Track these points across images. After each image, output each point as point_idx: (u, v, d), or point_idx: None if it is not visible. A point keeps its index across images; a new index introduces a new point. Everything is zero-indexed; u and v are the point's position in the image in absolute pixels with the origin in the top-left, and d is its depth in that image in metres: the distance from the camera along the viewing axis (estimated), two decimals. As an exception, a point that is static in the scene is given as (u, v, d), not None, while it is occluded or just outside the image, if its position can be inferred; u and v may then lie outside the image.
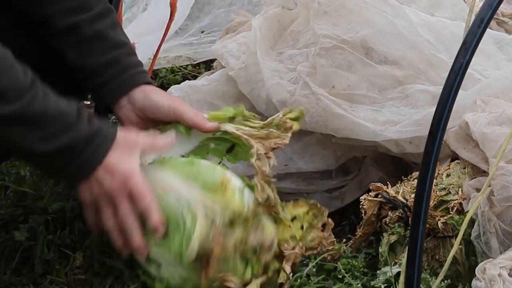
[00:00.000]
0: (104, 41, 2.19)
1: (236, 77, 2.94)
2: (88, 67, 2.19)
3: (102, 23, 2.19)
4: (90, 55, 2.19)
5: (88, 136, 1.96)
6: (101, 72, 2.18)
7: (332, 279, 2.33)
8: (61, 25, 2.17)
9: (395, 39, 2.80)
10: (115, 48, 2.20)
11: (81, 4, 2.19)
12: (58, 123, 1.93)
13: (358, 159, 2.95)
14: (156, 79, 3.77)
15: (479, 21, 1.75)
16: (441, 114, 1.77)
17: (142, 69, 2.26)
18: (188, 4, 3.33)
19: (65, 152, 1.94)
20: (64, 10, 2.17)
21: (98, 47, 2.18)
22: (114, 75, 2.18)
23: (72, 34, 2.18)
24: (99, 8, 2.20)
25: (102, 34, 2.18)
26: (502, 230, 2.25)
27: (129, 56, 2.24)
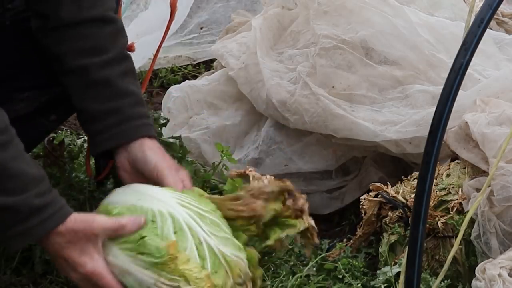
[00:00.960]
0: (110, 88, 2.12)
1: (236, 77, 2.94)
2: (89, 111, 2.13)
3: (113, 69, 2.13)
4: (93, 100, 2.12)
5: (37, 205, 1.86)
6: (100, 119, 2.12)
7: (332, 279, 2.33)
8: (71, 65, 2.12)
9: (395, 39, 2.80)
10: (120, 97, 2.12)
11: (95, 47, 2.13)
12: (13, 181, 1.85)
13: (358, 159, 2.95)
14: (156, 79, 3.77)
15: (479, 21, 1.75)
16: (441, 114, 1.77)
17: (146, 121, 2.16)
18: (188, 4, 3.32)
19: (8, 213, 1.85)
20: (77, 50, 2.12)
21: (102, 93, 2.12)
22: (113, 124, 2.12)
23: (80, 75, 2.12)
24: (114, 54, 2.14)
25: (110, 81, 2.11)
26: (502, 230, 2.25)
27: (134, 106, 2.15)
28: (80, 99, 2.15)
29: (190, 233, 1.87)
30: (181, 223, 1.88)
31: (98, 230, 1.88)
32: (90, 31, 2.13)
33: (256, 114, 2.97)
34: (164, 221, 1.88)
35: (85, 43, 2.13)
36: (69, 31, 2.12)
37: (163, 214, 1.89)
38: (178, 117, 3.03)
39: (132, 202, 1.93)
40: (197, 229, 1.89)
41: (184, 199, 1.94)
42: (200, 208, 1.93)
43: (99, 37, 2.14)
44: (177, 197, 1.94)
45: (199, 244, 1.87)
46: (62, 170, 2.61)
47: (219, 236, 1.90)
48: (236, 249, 1.91)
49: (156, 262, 1.83)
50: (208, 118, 3.01)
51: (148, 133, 2.14)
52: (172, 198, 1.94)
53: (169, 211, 1.89)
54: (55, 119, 2.35)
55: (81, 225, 1.88)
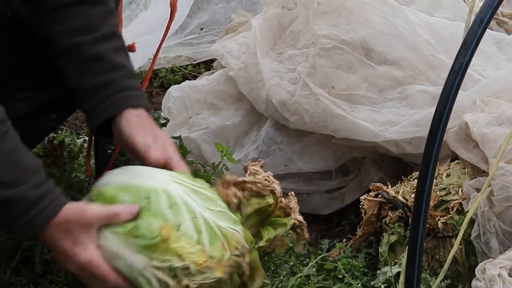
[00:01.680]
0: (102, 63, 2.14)
1: (236, 77, 2.94)
2: (83, 87, 2.15)
3: (104, 46, 2.15)
4: (87, 76, 2.14)
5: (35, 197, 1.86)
6: (94, 93, 2.13)
7: (332, 279, 2.33)
8: (64, 45, 2.14)
9: (395, 39, 2.80)
10: (112, 70, 2.14)
11: (87, 25, 2.15)
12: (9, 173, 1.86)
13: (358, 160, 2.95)
14: (156, 79, 3.77)
15: (479, 21, 1.75)
16: (441, 114, 1.77)
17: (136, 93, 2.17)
18: (188, 4, 3.33)
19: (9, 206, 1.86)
20: (69, 30, 2.14)
21: (95, 68, 2.14)
22: (106, 96, 2.12)
23: (73, 54, 2.14)
24: (104, 31, 2.16)
25: (101, 56, 2.13)
26: (502, 230, 2.25)
27: (125, 78, 2.17)
28: (74, 78, 2.16)
29: (185, 207, 1.87)
30: (175, 198, 1.88)
31: (91, 219, 1.88)
32: (80, 11, 2.15)
33: (256, 114, 2.97)
34: (158, 197, 1.88)
35: (76, 23, 2.14)
36: (61, 13, 2.14)
37: (157, 191, 1.89)
38: (178, 117, 3.04)
39: (125, 181, 1.93)
40: (192, 204, 1.89)
41: (178, 177, 1.95)
42: (194, 185, 1.94)
43: (90, 17, 2.16)
44: (171, 175, 1.94)
45: (194, 218, 1.86)
46: (62, 170, 2.61)
47: (215, 210, 1.90)
48: (232, 222, 1.91)
49: (148, 244, 1.83)
50: (208, 118, 3.01)
51: (136, 103, 2.13)
52: (167, 176, 1.94)
53: (163, 188, 1.89)
54: (55, 118, 2.36)
55: (74, 215, 1.88)
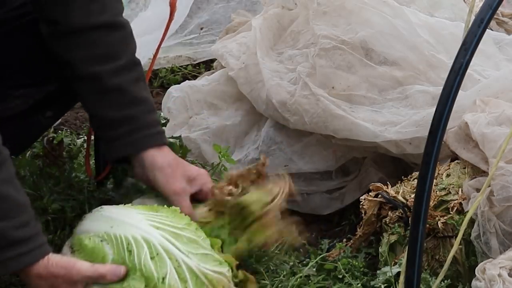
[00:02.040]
0: (123, 95, 2.12)
1: (236, 77, 2.94)
2: (102, 118, 2.12)
3: (125, 76, 2.13)
4: (107, 107, 2.12)
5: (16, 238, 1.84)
6: (115, 126, 2.12)
7: (332, 279, 2.33)
8: (83, 72, 2.12)
9: (395, 39, 2.80)
10: (134, 105, 2.12)
11: (108, 54, 2.12)
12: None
13: (358, 160, 2.95)
14: (156, 79, 3.77)
15: (479, 21, 1.75)
16: (441, 114, 1.77)
17: (158, 130, 2.17)
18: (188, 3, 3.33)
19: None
20: (88, 58, 2.12)
21: (116, 100, 2.12)
22: (127, 132, 2.12)
23: (93, 82, 2.12)
24: (125, 60, 2.14)
25: (123, 88, 2.11)
26: (502, 230, 2.25)
27: (147, 114, 2.16)
28: (93, 106, 2.15)
29: (167, 256, 1.88)
30: (157, 248, 1.88)
31: (78, 277, 1.89)
32: (100, 37, 2.12)
33: (256, 114, 2.97)
34: (140, 248, 1.88)
35: (96, 50, 2.12)
36: (79, 37, 2.12)
37: (138, 241, 1.89)
38: (178, 117, 3.04)
39: (105, 229, 1.93)
40: (174, 251, 1.89)
41: (156, 218, 1.94)
42: (174, 226, 1.93)
43: (110, 43, 2.13)
44: (150, 219, 1.94)
45: (178, 266, 1.87)
46: (61, 170, 2.61)
47: (198, 254, 1.90)
48: (216, 264, 1.91)
49: None
50: (208, 118, 3.01)
51: (160, 142, 2.15)
52: (145, 220, 1.93)
53: (143, 236, 1.90)
54: (51, 115, 2.35)
55: (61, 271, 1.89)
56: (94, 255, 1.92)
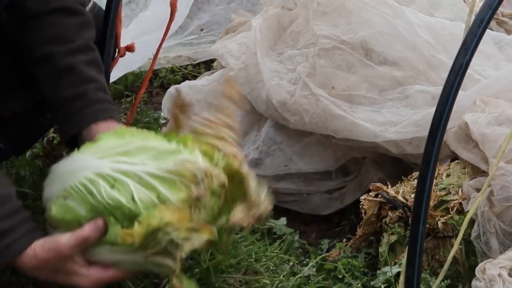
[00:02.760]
0: (75, 75, 2.13)
1: (236, 77, 2.94)
2: (56, 98, 2.15)
3: (77, 58, 2.15)
4: (60, 87, 2.13)
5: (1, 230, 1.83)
6: (68, 104, 2.12)
7: (332, 279, 2.33)
8: (37, 54, 2.14)
9: (395, 40, 2.80)
10: (85, 83, 2.14)
11: (60, 36, 2.14)
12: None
13: (358, 160, 2.95)
14: (156, 79, 3.77)
15: (479, 21, 1.75)
16: (441, 114, 1.77)
17: (108, 106, 2.17)
18: (188, 4, 3.33)
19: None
20: (44, 40, 2.14)
21: (68, 80, 2.13)
22: (80, 107, 2.12)
23: (46, 64, 2.14)
24: (78, 43, 2.16)
25: (75, 68, 2.13)
26: (502, 230, 2.25)
27: (98, 91, 2.17)
28: (47, 87, 2.16)
29: (125, 177, 1.82)
30: (111, 175, 1.83)
31: (68, 252, 1.87)
32: (55, 21, 2.14)
33: (256, 115, 2.97)
34: (97, 185, 1.82)
35: (50, 33, 2.14)
36: (36, 22, 2.14)
37: (92, 180, 1.83)
38: (178, 117, 3.04)
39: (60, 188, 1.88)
40: (129, 168, 1.83)
41: (98, 149, 1.89)
42: (120, 146, 1.88)
43: (65, 27, 2.15)
44: (93, 154, 1.88)
45: (140, 179, 1.81)
46: (62, 170, 2.61)
47: (152, 157, 1.84)
48: (175, 155, 1.84)
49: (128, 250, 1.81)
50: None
51: (111, 116, 2.13)
52: (89, 157, 1.88)
53: (94, 173, 1.84)
54: (51, 117, 2.35)
55: (50, 255, 1.87)
56: (67, 221, 1.87)
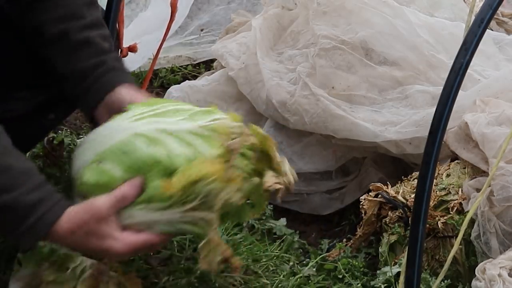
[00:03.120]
0: (91, 47, 2.15)
1: (236, 77, 2.94)
2: (74, 72, 2.16)
3: (92, 32, 2.17)
4: (77, 60, 2.15)
5: (33, 202, 1.83)
6: (88, 74, 2.14)
7: (332, 279, 2.33)
8: (52, 33, 2.15)
9: (395, 40, 2.80)
10: (102, 54, 2.16)
11: (73, 13, 2.17)
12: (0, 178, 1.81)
13: (358, 160, 2.95)
14: (156, 79, 3.77)
15: (479, 21, 1.76)
16: (441, 114, 1.77)
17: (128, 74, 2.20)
18: (188, 4, 3.33)
19: (6, 213, 1.82)
20: (55, 18, 2.16)
21: (85, 53, 2.15)
22: (102, 73, 2.13)
23: (61, 40, 2.15)
24: (91, 18, 2.18)
25: (90, 41, 2.15)
26: (502, 230, 2.25)
27: (117, 61, 2.18)
28: (65, 63, 2.17)
29: (163, 135, 1.83)
30: (147, 135, 1.83)
31: (105, 212, 1.84)
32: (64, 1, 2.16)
33: (256, 115, 2.97)
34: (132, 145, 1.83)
35: (62, 11, 2.16)
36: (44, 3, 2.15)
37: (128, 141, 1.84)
38: (178, 117, 3.04)
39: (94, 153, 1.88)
40: (165, 126, 1.84)
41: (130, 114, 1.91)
42: (154, 109, 1.90)
43: (75, 5, 2.17)
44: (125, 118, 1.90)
45: (176, 137, 1.82)
46: (62, 170, 2.61)
47: (188, 116, 1.86)
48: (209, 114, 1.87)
49: (166, 205, 1.81)
50: (208, 118, 3.01)
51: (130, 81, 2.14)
52: (122, 121, 1.89)
53: (130, 134, 1.85)
54: (53, 117, 2.36)
55: (86, 216, 1.85)
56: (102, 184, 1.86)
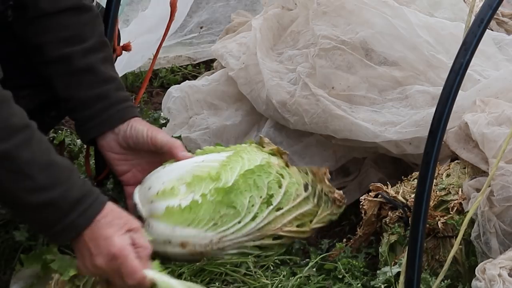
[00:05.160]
0: (94, 75, 2.19)
1: (236, 77, 2.94)
2: (76, 99, 2.19)
3: (94, 57, 2.19)
4: (79, 87, 2.18)
5: (76, 197, 1.89)
6: (89, 105, 2.18)
7: (332, 279, 2.33)
8: (54, 55, 2.17)
9: (395, 40, 2.80)
10: (105, 83, 2.20)
11: (75, 36, 2.18)
12: (45, 174, 1.86)
13: (358, 160, 2.95)
14: (156, 79, 3.77)
15: (479, 21, 1.76)
16: (441, 114, 1.78)
17: (130, 104, 2.26)
18: (188, 3, 3.33)
19: (49, 209, 1.87)
20: (58, 40, 2.17)
21: (88, 80, 2.19)
22: (102, 109, 2.19)
23: (63, 64, 2.17)
24: (93, 41, 2.20)
25: (93, 67, 2.18)
26: (502, 230, 2.25)
27: (118, 91, 2.24)
28: (66, 88, 2.19)
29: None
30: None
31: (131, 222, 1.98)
32: (68, 20, 2.18)
33: (256, 115, 2.97)
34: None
35: (65, 33, 2.18)
36: (49, 21, 2.17)
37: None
38: (178, 117, 3.04)
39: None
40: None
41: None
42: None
43: (78, 26, 2.19)
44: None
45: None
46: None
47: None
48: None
49: None
50: (208, 118, 3.01)
51: (133, 115, 2.24)
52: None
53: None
54: (55, 115, 2.37)
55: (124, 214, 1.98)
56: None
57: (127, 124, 2.22)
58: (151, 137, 2.22)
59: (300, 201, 2.28)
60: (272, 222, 2.24)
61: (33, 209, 1.87)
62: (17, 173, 1.84)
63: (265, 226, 2.23)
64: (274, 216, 2.23)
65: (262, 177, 2.21)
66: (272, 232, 2.24)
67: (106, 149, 2.23)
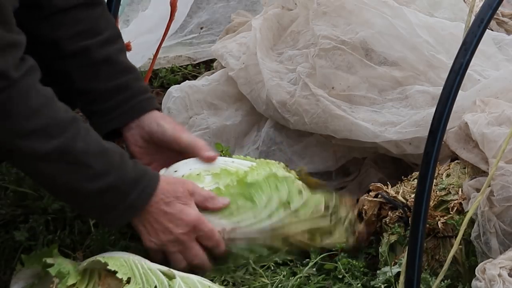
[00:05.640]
0: (113, 65, 2.21)
1: (236, 77, 2.94)
2: (96, 91, 2.21)
3: (111, 48, 2.21)
4: (98, 79, 2.21)
5: (133, 178, 1.99)
6: (110, 97, 2.21)
7: (332, 279, 2.33)
8: (71, 49, 2.19)
9: (395, 40, 2.80)
10: (124, 74, 2.22)
11: (90, 29, 2.21)
12: (100, 161, 1.96)
13: (358, 160, 2.95)
14: (156, 79, 3.77)
15: (479, 21, 1.76)
16: (441, 114, 1.78)
17: (150, 95, 2.30)
18: (188, 3, 3.33)
19: (109, 193, 1.97)
20: (73, 34, 2.20)
21: (107, 71, 2.21)
22: (124, 100, 2.22)
23: (81, 57, 2.20)
24: (108, 33, 2.22)
25: (111, 58, 2.20)
26: (502, 230, 2.25)
27: (138, 81, 2.26)
28: (84, 80, 2.22)
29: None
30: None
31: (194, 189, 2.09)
32: (82, 14, 2.21)
33: (256, 115, 2.97)
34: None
35: (80, 26, 2.21)
36: (63, 17, 2.20)
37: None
38: (178, 117, 3.04)
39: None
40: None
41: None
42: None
43: (92, 19, 2.22)
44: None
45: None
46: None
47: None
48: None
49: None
50: (208, 118, 3.01)
51: (155, 106, 2.28)
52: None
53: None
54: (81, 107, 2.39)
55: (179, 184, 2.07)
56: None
57: (153, 119, 2.25)
58: (176, 137, 2.26)
59: (318, 216, 2.33)
60: (286, 226, 2.28)
61: (94, 196, 1.97)
62: (75, 164, 1.93)
63: (279, 228, 2.26)
64: (289, 221, 2.27)
65: (284, 184, 2.28)
66: (284, 236, 2.28)
67: (130, 142, 2.26)
